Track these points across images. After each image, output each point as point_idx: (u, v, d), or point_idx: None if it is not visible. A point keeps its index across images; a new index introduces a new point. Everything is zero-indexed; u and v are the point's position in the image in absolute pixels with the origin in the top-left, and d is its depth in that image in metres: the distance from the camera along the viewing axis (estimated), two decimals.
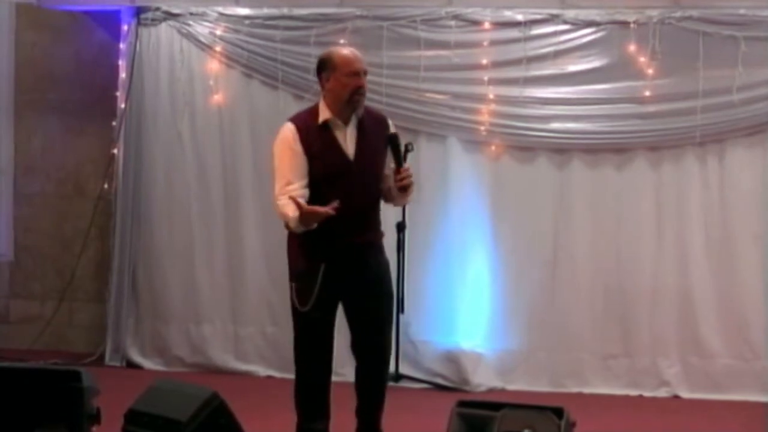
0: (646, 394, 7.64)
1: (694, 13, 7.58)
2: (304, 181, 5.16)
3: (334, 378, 5.61)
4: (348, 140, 5.22)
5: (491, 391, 7.66)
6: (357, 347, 5.57)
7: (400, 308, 7.29)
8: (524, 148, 7.78)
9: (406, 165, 5.27)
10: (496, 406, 5.23)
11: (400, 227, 7.53)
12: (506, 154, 7.77)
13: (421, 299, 7.76)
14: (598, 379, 7.74)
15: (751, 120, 7.52)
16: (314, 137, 5.17)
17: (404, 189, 5.28)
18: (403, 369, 7.76)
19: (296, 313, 5.31)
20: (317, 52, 7.55)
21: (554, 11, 7.72)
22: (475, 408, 5.31)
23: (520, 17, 7.76)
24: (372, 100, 7.37)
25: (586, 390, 7.73)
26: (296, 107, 7.62)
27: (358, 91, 5.16)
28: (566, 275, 7.74)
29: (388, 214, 7.42)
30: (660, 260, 7.66)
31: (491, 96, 7.76)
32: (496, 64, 7.77)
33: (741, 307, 7.61)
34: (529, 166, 7.80)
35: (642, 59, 7.60)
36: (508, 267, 7.79)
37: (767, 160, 7.58)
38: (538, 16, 7.75)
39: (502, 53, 7.78)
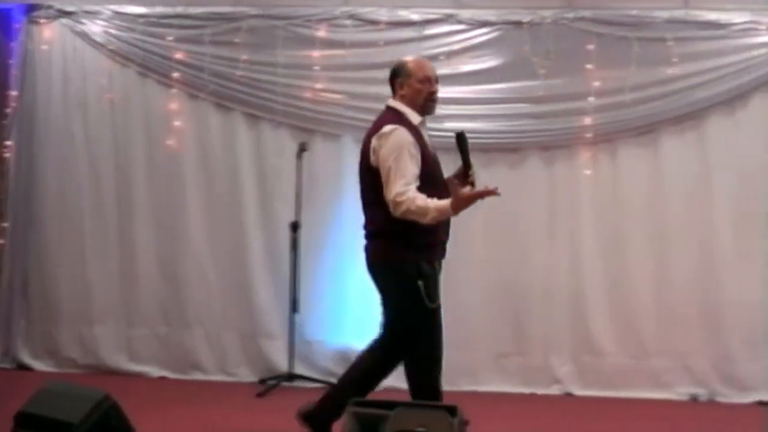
0: (539, 392, 7.68)
1: (587, 13, 7.68)
2: (418, 182, 5.25)
3: None
4: (428, 142, 5.43)
5: (385, 390, 7.57)
6: None
7: (295, 307, 7.32)
8: None
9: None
10: (390, 405, 5.24)
11: (294, 227, 7.54)
12: None
13: (314, 298, 7.79)
14: (491, 377, 7.79)
15: (642, 120, 7.63)
16: (418, 138, 5.35)
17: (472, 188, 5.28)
18: (297, 368, 7.75)
19: (425, 311, 5.37)
20: (212, 51, 7.62)
21: (449, 11, 7.78)
22: (370, 407, 5.31)
23: (415, 17, 7.80)
24: (267, 99, 7.46)
25: (480, 388, 7.75)
26: (191, 106, 7.66)
27: (431, 97, 5.41)
28: (460, 274, 7.72)
29: (283, 214, 7.43)
30: (552, 259, 7.72)
31: (387, 96, 7.71)
32: (392, 64, 7.72)
33: (632, 305, 7.70)
34: None
35: (535, 59, 7.65)
36: None
37: (658, 159, 7.68)
38: (433, 16, 7.80)
39: (397, 53, 7.72)
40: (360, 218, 7.58)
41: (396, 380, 5.80)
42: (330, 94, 7.81)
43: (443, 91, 7.49)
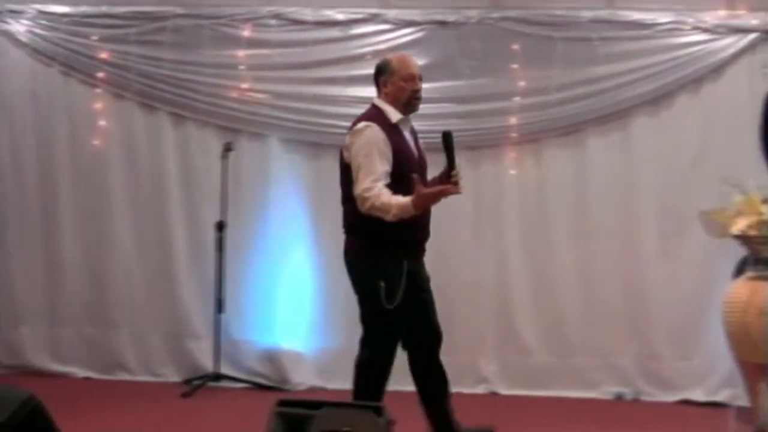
0: (465, 391, 7.67)
1: (513, 13, 7.69)
2: (388, 180, 5.24)
3: None
4: (410, 141, 5.43)
5: (311, 390, 7.66)
6: (422, 334, 5.62)
7: (220, 307, 7.31)
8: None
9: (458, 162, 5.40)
10: (316, 405, 5.23)
11: (220, 226, 7.53)
12: (327, 153, 7.74)
13: (240, 299, 7.77)
14: None
15: (568, 119, 7.64)
16: (393, 138, 5.32)
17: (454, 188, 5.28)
18: (223, 369, 7.73)
19: (381, 312, 5.38)
20: (137, 50, 7.59)
21: (374, 11, 7.78)
22: (295, 407, 5.29)
23: (340, 17, 7.80)
24: (192, 99, 7.44)
25: (406, 388, 7.70)
26: (116, 106, 7.62)
27: (415, 95, 5.41)
28: None
29: (209, 214, 7.42)
30: (478, 258, 7.73)
31: (312, 95, 7.74)
32: (318, 64, 7.78)
33: (557, 304, 7.71)
34: None
35: (461, 59, 7.65)
36: (328, 266, 7.75)
37: (584, 159, 7.70)
38: (359, 16, 7.79)
39: (323, 52, 7.79)
40: (285, 218, 7.66)
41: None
42: (255, 94, 7.79)
43: (369, 91, 7.53)
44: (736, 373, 5.66)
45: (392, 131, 5.34)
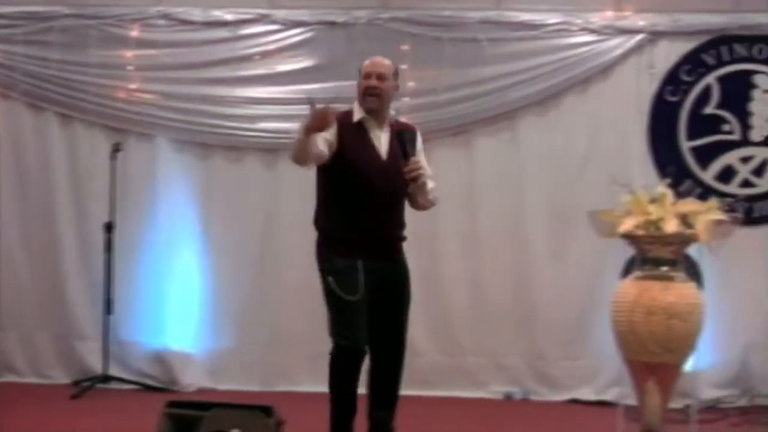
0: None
1: (401, 14, 7.70)
2: (323, 139, 5.24)
3: None
4: (382, 141, 5.38)
5: (201, 391, 7.64)
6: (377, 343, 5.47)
7: (109, 309, 7.28)
8: (233, 147, 7.79)
9: (414, 158, 5.28)
10: (206, 406, 5.26)
11: (109, 227, 7.51)
12: (215, 153, 7.75)
13: (129, 300, 7.74)
14: (306, 377, 7.75)
15: (456, 120, 7.65)
16: (350, 134, 5.32)
17: (413, 180, 5.23)
18: (112, 370, 7.69)
19: (335, 305, 5.40)
20: (24, 50, 7.57)
21: (263, 11, 7.76)
22: (185, 408, 5.33)
23: (229, 17, 7.77)
24: (80, 99, 7.40)
25: (296, 389, 7.75)
26: (2, 106, 7.63)
27: (366, 91, 5.39)
28: (276, 274, 7.78)
29: (97, 215, 7.38)
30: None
31: (201, 95, 7.71)
32: (206, 64, 7.75)
33: (447, 305, 7.73)
34: (238, 165, 7.83)
35: (350, 60, 7.62)
36: (218, 267, 7.79)
37: (472, 159, 7.73)
38: (248, 16, 7.77)
39: (212, 53, 7.76)
40: (174, 219, 7.63)
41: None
42: (144, 95, 7.75)
43: (258, 92, 7.57)
44: (624, 372, 5.66)
45: (352, 129, 5.36)
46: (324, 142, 5.32)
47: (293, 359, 7.81)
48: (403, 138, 5.36)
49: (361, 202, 5.39)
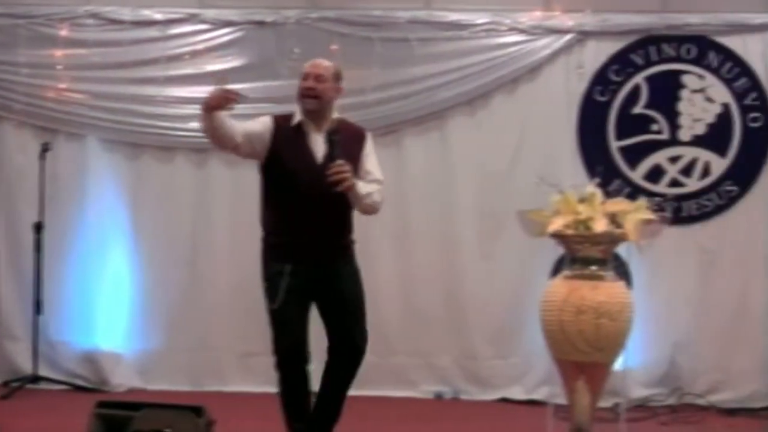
0: None
1: (330, 14, 7.71)
2: (243, 129, 5.32)
3: None
4: (319, 145, 5.31)
5: (131, 391, 7.63)
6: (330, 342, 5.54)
7: (39, 309, 7.27)
8: (163, 147, 7.78)
9: (340, 161, 5.20)
10: (136, 406, 5.27)
11: (38, 227, 7.50)
12: (145, 153, 7.75)
13: (59, 300, 7.72)
14: (237, 377, 7.78)
15: (385, 120, 7.65)
16: (287, 136, 5.31)
17: (335, 184, 5.15)
18: (42, 370, 7.67)
19: (270, 312, 5.35)
20: None
21: (192, 11, 7.75)
22: (115, 408, 5.33)
23: (158, 16, 7.75)
24: (8, 99, 7.38)
25: (225, 388, 7.76)
26: None
27: (303, 92, 5.35)
28: (205, 274, 7.78)
29: (26, 215, 7.36)
30: None
31: (130, 95, 7.70)
32: (136, 63, 7.74)
33: (377, 304, 7.63)
34: (168, 165, 7.81)
35: (279, 59, 7.63)
36: (148, 267, 7.78)
37: (401, 159, 7.74)
38: (177, 16, 7.75)
39: (141, 52, 7.75)
40: (104, 219, 7.62)
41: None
42: (73, 94, 7.72)
43: (188, 91, 7.56)
44: (554, 371, 5.69)
45: (290, 131, 5.34)
46: (242, 131, 5.36)
47: (223, 359, 7.82)
48: (331, 140, 5.31)
49: (294, 206, 5.35)
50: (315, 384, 5.61)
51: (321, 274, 5.38)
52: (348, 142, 5.40)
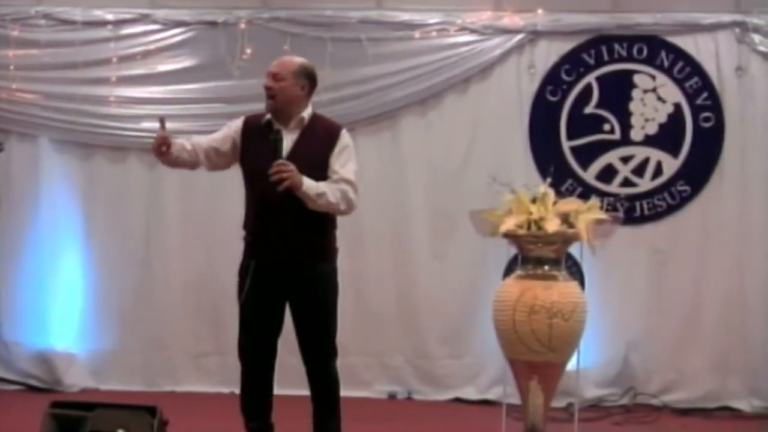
0: (237, 391, 7.68)
1: (282, 14, 7.70)
2: (209, 143, 5.42)
3: None
4: (285, 143, 5.24)
5: (85, 391, 7.64)
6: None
7: None
8: (116, 147, 7.79)
9: (281, 160, 5.16)
10: (90, 407, 5.29)
11: None
12: (97, 153, 7.75)
13: (12, 300, 7.75)
14: (190, 377, 7.81)
15: (337, 120, 7.52)
16: (253, 135, 5.30)
17: (277, 184, 5.10)
18: None
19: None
20: None
21: (144, 11, 7.75)
22: (69, 408, 5.35)
23: (110, 17, 7.75)
24: None
25: (179, 388, 7.78)
26: None
27: (265, 91, 5.33)
28: (159, 274, 7.79)
29: None
30: None
31: (82, 95, 7.70)
32: (87, 64, 7.74)
33: None
34: (120, 165, 7.82)
35: (231, 59, 7.63)
36: (101, 267, 7.79)
37: None
38: (129, 16, 7.76)
39: (93, 52, 7.75)
40: (57, 219, 7.62)
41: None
42: (25, 94, 7.72)
43: (139, 91, 7.56)
44: (507, 371, 5.70)
45: (258, 130, 5.32)
46: (205, 148, 5.44)
47: (177, 359, 7.84)
48: (273, 139, 5.28)
49: (258, 203, 5.35)
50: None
51: (288, 274, 5.36)
52: (316, 140, 5.37)
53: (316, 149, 5.32)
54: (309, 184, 5.20)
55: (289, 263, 5.34)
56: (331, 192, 5.26)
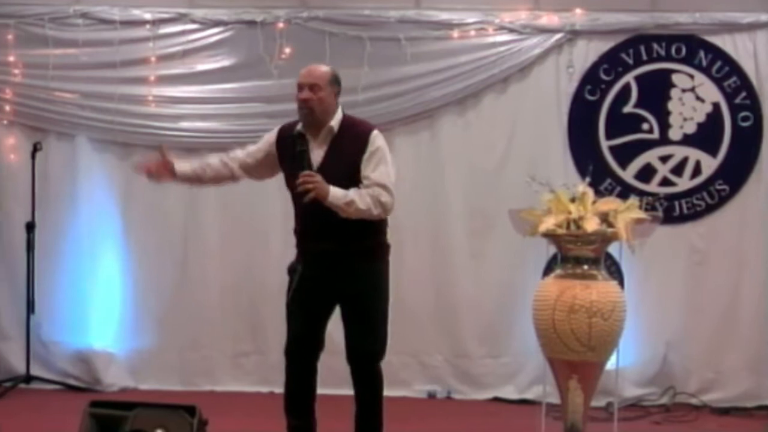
0: (277, 390, 7.64)
1: (321, 13, 7.69)
2: (246, 155, 5.49)
3: None
4: (316, 150, 5.26)
5: (124, 390, 7.66)
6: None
7: (31, 309, 7.28)
8: (154, 147, 7.60)
9: (306, 171, 5.13)
10: (129, 406, 5.29)
11: (30, 227, 7.52)
12: (136, 153, 7.70)
13: (51, 299, 7.74)
14: (228, 376, 7.81)
15: (375, 119, 7.41)
16: (288, 144, 5.29)
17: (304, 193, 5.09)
18: (34, 370, 7.69)
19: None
20: None
21: (182, 10, 7.74)
22: (108, 408, 5.35)
23: (148, 16, 7.74)
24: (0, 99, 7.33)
25: (217, 388, 7.79)
26: None
27: (299, 104, 5.28)
28: (197, 273, 7.79)
29: (18, 215, 7.37)
30: (289, 257, 7.70)
31: (121, 95, 7.70)
32: (126, 63, 7.73)
33: None
34: None
35: (269, 59, 7.64)
36: (140, 266, 7.79)
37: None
38: (166, 15, 7.74)
39: (131, 52, 7.75)
40: (95, 218, 7.62)
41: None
42: (63, 94, 7.72)
43: (178, 91, 7.57)
44: (546, 370, 5.70)
45: (291, 140, 5.31)
46: (238, 164, 5.51)
47: (215, 359, 7.85)
48: (299, 151, 5.27)
49: (299, 210, 5.38)
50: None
51: (335, 274, 5.36)
52: (346, 147, 5.34)
53: (347, 156, 5.31)
54: (336, 194, 5.17)
55: (336, 264, 5.35)
56: (360, 199, 5.23)
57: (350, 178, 5.26)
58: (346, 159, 5.29)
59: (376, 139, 5.39)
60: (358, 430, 5.59)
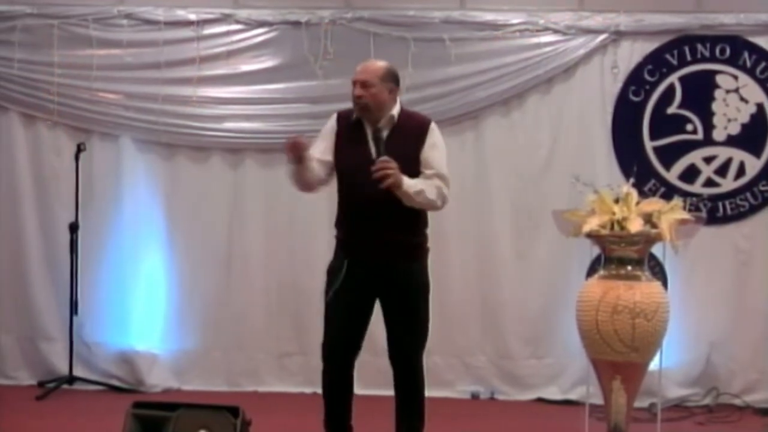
0: (320, 391, 7.67)
1: (365, 14, 7.70)
2: (318, 156, 5.34)
3: None
4: (370, 142, 5.25)
5: (167, 391, 7.65)
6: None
7: (74, 310, 7.27)
8: (198, 147, 7.79)
9: (384, 158, 5.11)
10: (172, 407, 5.28)
11: (73, 228, 7.51)
12: (180, 153, 7.75)
13: (94, 300, 7.73)
14: (272, 377, 7.80)
15: None
16: (346, 133, 5.32)
17: (379, 181, 5.08)
18: (77, 371, 7.67)
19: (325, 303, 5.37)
20: None
21: (227, 11, 7.75)
22: (151, 409, 5.34)
23: (192, 17, 7.74)
24: (43, 99, 7.39)
25: (261, 388, 7.78)
26: None
27: (353, 100, 5.32)
28: (240, 275, 7.78)
29: (62, 215, 7.37)
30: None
31: (165, 95, 7.70)
32: (170, 64, 7.74)
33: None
34: (203, 165, 7.81)
35: (313, 59, 7.64)
36: (183, 267, 7.78)
37: None
38: (211, 16, 7.75)
39: (175, 52, 7.75)
40: (139, 219, 7.62)
41: None
42: (107, 94, 7.73)
43: (222, 91, 7.57)
44: (590, 371, 5.71)
45: (350, 128, 5.34)
46: (319, 164, 5.39)
47: (259, 359, 7.84)
48: (376, 138, 5.29)
49: (351, 201, 5.37)
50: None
51: (379, 273, 5.36)
52: (406, 137, 5.35)
53: (408, 146, 5.32)
54: (408, 182, 5.20)
55: (380, 262, 5.35)
56: (428, 188, 5.27)
57: (409, 167, 5.27)
58: (407, 149, 5.30)
59: (435, 130, 5.44)
60: (399, 430, 5.57)
